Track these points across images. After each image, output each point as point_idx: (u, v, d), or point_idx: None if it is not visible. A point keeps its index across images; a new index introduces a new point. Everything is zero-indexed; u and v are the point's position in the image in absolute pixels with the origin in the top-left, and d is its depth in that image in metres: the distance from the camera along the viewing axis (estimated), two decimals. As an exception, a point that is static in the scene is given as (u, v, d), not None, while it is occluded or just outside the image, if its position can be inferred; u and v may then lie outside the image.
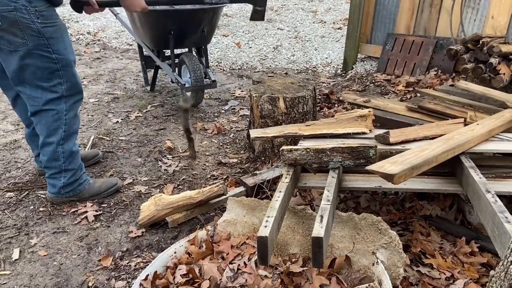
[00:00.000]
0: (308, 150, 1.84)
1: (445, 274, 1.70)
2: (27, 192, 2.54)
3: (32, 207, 2.40)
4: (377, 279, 1.54)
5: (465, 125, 2.22)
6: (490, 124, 2.10)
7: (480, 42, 3.27)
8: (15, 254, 2.03)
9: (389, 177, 1.48)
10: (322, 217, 1.42)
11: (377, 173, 1.52)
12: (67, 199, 2.41)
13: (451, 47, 3.44)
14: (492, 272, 1.31)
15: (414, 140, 2.05)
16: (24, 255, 2.04)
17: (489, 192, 1.49)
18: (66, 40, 2.17)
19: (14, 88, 2.21)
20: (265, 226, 1.40)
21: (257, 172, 2.55)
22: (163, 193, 2.52)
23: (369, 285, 1.53)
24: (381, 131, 2.16)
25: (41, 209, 2.38)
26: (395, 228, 1.97)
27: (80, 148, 2.78)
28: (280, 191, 1.68)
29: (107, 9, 2.83)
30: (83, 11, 2.37)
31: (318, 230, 1.34)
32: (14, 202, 2.44)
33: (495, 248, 1.41)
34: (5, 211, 2.36)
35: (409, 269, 1.73)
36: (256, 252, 1.40)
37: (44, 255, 2.04)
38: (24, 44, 2.02)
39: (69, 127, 2.28)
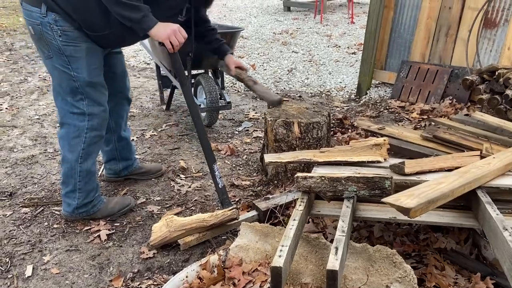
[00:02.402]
0: (323, 178, 1.84)
1: (460, 310, 1.67)
2: (42, 208, 2.57)
3: (46, 223, 2.43)
4: (391, 314, 1.52)
5: (481, 157, 2.20)
6: (507, 158, 2.09)
7: (496, 73, 3.27)
8: (28, 271, 2.05)
9: (405, 211, 1.47)
10: (337, 248, 1.42)
11: (393, 206, 1.52)
12: (81, 218, 2.44)
13: (467, 77, 3.44)
14: (509, 313, 1.29)
15: (430, 172, 2.04)
16: (37, 272, 2.05)
17: (506, 230, 1.47)
18: (89, 62, 2.18)
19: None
20: (279, 256, 1.40)
21: (270, 196, 2.56)
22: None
23: (382, 319, 1.51)
24: (396, 160, 2.16)
25: (55, 226, 2.41)
26: (409, 260, 1.95)
27: (97, 167, 2.85)
28: (294, 219, 1.68)
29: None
30: None
31: (333, 262, 1.33)
32: (29, 218, 2.47)
33: (512, 288, 1.39)
34: (20, 226, 2.39)
35: (423, 304, 1.70)
36: (270, 282, 1.39)
37: (57, 273, 2.05)
38: (49, 56, 2.14)
39: (88, 146, 2.30)
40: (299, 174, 1.90)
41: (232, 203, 2.60)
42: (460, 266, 1.95)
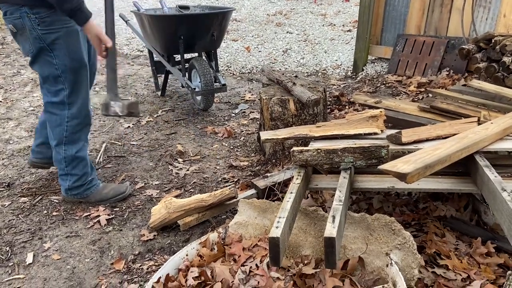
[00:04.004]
0: (319, 150, 1.83)
1: (461, 275, 1.67)
2: (40, 197, 2.56)
3: (45, 211, 2.42)
4: (391, 281, 1.52)
5: (479, 124, 2.18)
6: (505, 123, 2.06)
7: (493, 41, 3.23)
8: (29, 258, 2.05)
9: (402, 176, 1.45)
10: (334, 217, 1.41)
11: (389, 172, 1.50)
12: (77, 200, 2.47)
13: (463, 46, 3.39)
14: (509, 272, 1.28)
15: (427, 140, 2.02)
16: (37, 259, 2.05)
17: (505, 190, 1.46)
18: (70, 46, 2.16)
19: None
20: (277, 227, 1.39)
21: (268, 174, 2.54)
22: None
23: (383, 286, 1.51)
24: (393, 132, 2.13)
25: (54, 213, 2.40)
26: (409, 229, 1.93)
27: (91, 154, 2.81)
28: (291, 192, 1.66)
29: (117, 16, 2.84)
30: None
31: (330, 230, 1.32)
32: (28, 207, 2.47)
33: (513, 248, 1.38)
34: (19, 215, 2.39)
35: (424, 270, 1.70)
36: (268, 253, 1.39)
37: (58, 259, 2.05)
38: (31, 51, 2.13)
39: (71, 133, 2.31)
40: (295, 148, 1.88)
41: (231, 184, 2.59)
42: (460, 233, 1.94)
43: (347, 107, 3.82)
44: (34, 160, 2.68)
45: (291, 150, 1.88)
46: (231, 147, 3.26)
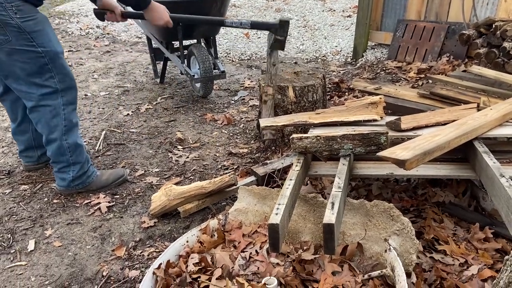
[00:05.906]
0: (319, 137, 1.83)
1: (458, 260, 1.69)
2: (41, 184, 2.57)
3: (46, 199, 2.44)
4: (390, 266, 1.53)
5: (478, 110, 2.18)
6: (504, 109, 2.06)
7: (493, 26, 3.20)
8: (31, 245, 2.07)
9: (400, 163, 1.46)
10: (333, 204, 1.42)
11: (388, 159, 1.51)
12: (76, 191, 2.45)
13: (464, 32, 3.37)
14: (507, 258, 1.29)
15: (426, 126, 2.02)
16: (39, 246, 2.07)
17: (503, 176, 1.46)
18: (49, 32, 2.12)
19: (9, 85, 2.20)
20: (276, 214, 1.40)
21: (268, 161, 2.55)
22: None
23: (381, 271, 1.52)
24: (392, 118, 2.13)
25: (55, 201, 2.41)
26: (408, 215, 1.95)
27: (85, 141, 2.78)
28: (290, 179, 1.67)
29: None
30: (105, 19, 2.44)
31: (329, 216, 1.33)
32: (29, 194, 2.48)
33: (510, 233, 1.39)
34: (20, 203, 2.40)
35: (422, 256, 1.71)
36: (268, 240, 1.40)
37: (59, 246, 2.07)
38: (7, 41, 2.00)
39: (69, 121, 2.28)
40: (294, 135, 1.88)
41: (230, 171, 2.60)
42: (459, 218, 1.96)
43: (346, 93, 3.81)
44: (27, 165, 2.71)
45: (291, 137, 1.89)
46: (231, 134, 3.26)
